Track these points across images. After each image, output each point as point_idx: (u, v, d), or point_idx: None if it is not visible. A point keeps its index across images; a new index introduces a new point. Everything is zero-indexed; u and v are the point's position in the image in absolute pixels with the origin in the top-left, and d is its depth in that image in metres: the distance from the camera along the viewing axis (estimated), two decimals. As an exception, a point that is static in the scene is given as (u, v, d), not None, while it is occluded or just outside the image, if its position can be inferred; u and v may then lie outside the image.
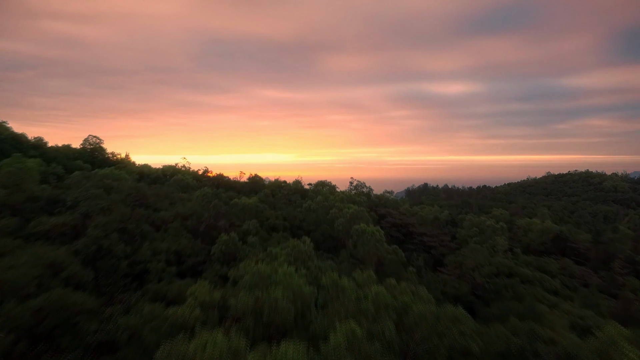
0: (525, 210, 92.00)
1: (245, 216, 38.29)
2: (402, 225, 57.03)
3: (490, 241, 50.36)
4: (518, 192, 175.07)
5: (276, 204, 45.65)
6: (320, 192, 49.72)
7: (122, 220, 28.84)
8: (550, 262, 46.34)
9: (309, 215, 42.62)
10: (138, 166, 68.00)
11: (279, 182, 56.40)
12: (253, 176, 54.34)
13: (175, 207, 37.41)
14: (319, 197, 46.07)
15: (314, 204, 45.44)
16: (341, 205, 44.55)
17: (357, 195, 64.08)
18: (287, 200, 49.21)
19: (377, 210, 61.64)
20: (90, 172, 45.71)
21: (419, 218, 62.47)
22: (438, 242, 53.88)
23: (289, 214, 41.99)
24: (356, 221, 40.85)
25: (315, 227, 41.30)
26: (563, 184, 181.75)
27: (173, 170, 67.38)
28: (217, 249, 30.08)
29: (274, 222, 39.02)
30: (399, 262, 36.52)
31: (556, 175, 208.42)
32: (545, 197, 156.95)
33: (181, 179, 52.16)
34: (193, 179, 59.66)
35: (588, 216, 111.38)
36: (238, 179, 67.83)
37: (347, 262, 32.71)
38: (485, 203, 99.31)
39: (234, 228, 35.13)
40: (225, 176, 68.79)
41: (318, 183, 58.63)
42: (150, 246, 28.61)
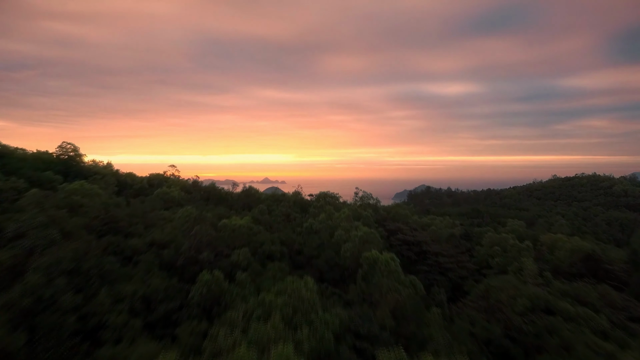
0: (541, 220, 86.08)
1: (236, 242, 32.24)
2: (415, 244, 51.01)
3: (516, 263, 44.46)
4: (525, 197, 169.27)
5: (273, 223, 39.61)
6: (323, 208, 43.71)
7: (76, 258, 22.83)
8: (587, 289, 40.56)
9: (310, 239, 36.59)
10: (123, 174, 61.94)
11: (276, 195, 50.25)
12: (247, 188, 48.11)
13: (151, 232, 31.34)
14: (322, 215, 40.02)
15: (317, 223, 39.44)
16: (348, 225, 38.54)
17: (363, 207, 58.10)
18: (286, 216, 43.20)
19: (385, 226, 55.69)
20: (59, 186, 39.64)
21: (432, 233, 56.50)
22: (456, 263, 47.85)
23: (287, 236, 35.95)
24: (366, 246, 34.86)
25: (318, 252, 35.26)
26: (571, 187, 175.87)
27: (160, 179, 61.29)
28: (197, 291, 24.03)
29: (269, 249, 32.96)
30: (419, 299, 30.57)
31: (563, 178, 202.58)
32: (554, 202, 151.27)
33: (166, 192, 46.11)
34: (181, 190, 53.56)
35: (604, 224, 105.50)
36: (231, 189, 61.83)
37: (359, 305, 26.71)
38: (498, 212, 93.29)
39: (220, 259, 29.11)
40: (217, 186, 62.75)
41: (320, 195, 52.61)
42: (111, 291, 22.54)
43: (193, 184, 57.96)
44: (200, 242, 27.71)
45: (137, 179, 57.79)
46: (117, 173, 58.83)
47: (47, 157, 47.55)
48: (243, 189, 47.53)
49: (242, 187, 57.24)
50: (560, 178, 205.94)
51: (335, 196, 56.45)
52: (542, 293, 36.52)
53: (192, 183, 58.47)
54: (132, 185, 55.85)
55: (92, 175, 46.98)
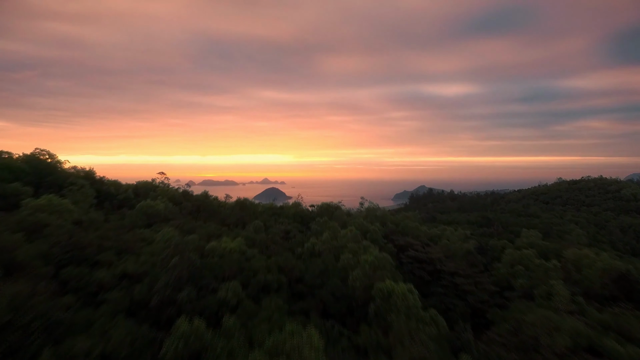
0: (556, 229, 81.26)
1: (225, 271, 27.20)
2: (428, 262, 46.01)
3: (544, 286, 39.58)
4: (531, 200, 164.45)
5: (269, 243, 34.57)
6: (326, 225, 38.66)
7: (14, 305, 17.84)
8: (630, 320, 35.59)
9: (312, 263, 31.53)
10: (108, 181, 56.82)
11: (274, 208, 45.08)
12: (242, 200, 42.93)
13: (124, 260, 26.27)
14: (326, 234, 34.99)
15: (319, 244, 34.42)
16: (355, 246, 33.52)
17: (369, 219, 53.03)
18: (285, 234, 38.17)
19: (394, 241, 50.68)
20: (22, 202, 34.50)
21: (445, 248, 51.52)
22: (474, 284, 42.87)
23: (286, 262, 30.89)
24: (378, 273, 29.86)
25: (321, 280, 30.21)
26: (578, 191, 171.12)
27: (148, 188, 56.16)
28: (172, 346, 19.01)
29: (264, 278, 27.89)
30: (443, 341, 25.67)
31: (569, 181, 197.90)
32: (563, 207, 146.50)
33: (150, 205, 41.05)
34: (169, 201, 48.47)
35: (618, 232, 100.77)
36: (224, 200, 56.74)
37: (373, 355, 21.76)
38: (508, 220, 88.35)
39: (205, 296, 24.06)
40: (210, 195, 57.62)
41: (323, 207, 47.61)
42: (57, 351, 17.55)
43: (183, 194, 52.84)
44: (179, 277, 22.64)
45: (123, 187, 52.68)
46: (100, 181, 53.75)
47: (17, 166, 42.44)
48: (237, 200, 42.34)
49: (241, 184, 52.49)
50: (566, 181, 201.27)
51: (338, 206, 51.43)
52: (583, 327, 31.53)
53: (182, 193, 53.34)
54: (116, 195, 50.77)
55: (68, 185, 41.91)
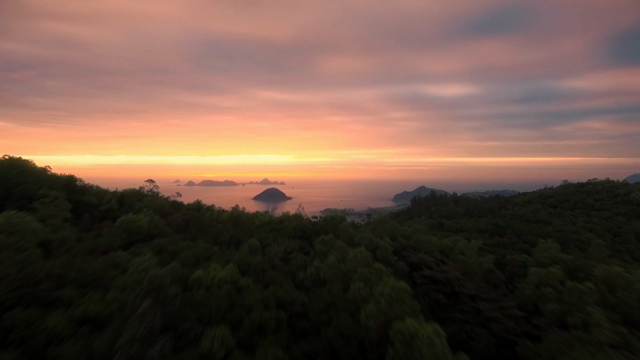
0: (573, 238, 76.50)
1: (212, 309, 22.36)
2: (445, 282, 41.18)
3: (579, 314, 34.86)
4: (538, 205, 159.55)
5: (266, 268, 29.73)
6: (332, 245, 33.79)
7: None
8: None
9: (317, 295, 26.67)
10: (92, 189, 51.96)
11: (272, 223, 40.00)
12: (236, 215, 37.90)
13: (87, 300, 21.42)
14: (332, 257, 30.13)
15: (325, 268, 29.59)
16: (367, 273, 28.67)
17: (376, 231, 48.18)
18: (284, 255, 33.32)
19: (406, 257, 45.84)
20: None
21: (461, 264, 46.70)
22: (499, 310, 38.08)
23: (285, 293, 26.03)
24: (395, 308, 25.05)
25: (328, 316, 25.38)
26: (586, 195, 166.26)
27: (134, 197, 51.28)
28: None
29: (260, 317, 23.05)
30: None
31: (575, 184, 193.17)
32: (572, 212, 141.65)
33: (132, 220, 36.20)
34: (156, 214, 43.61)
35: (634, 239, 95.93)
36: (219, 208, 51.84)
37: None
38: (522, 228, 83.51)
39: (184, 348, 19.24)
40: (202, 205, 52.72)
41: (327, 219, 42.77)
42: None
43: (173, 204, 47.83)
44: (150, 328, 17.80)
45: (106, 197, 47.78)
46: (81, 189, 48.86)
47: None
48: (232, 214, 37.36)
49: (241, 185, 47.56)
50: (573, 184, 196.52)
51: (343, 218, 46.61)
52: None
53: (172, 203, 48.30)
54: (97, 206, 45.92)
55: (40, 197, 37.06)
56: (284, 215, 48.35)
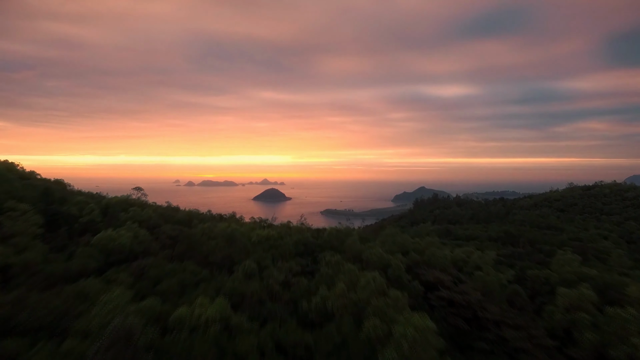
0: (590, 246, 72.07)
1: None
2: (465, 305, 36.77)
3: (625, 347, 30.54)
4: (545, 208, 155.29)
5: (263, 297, 25.32)
6: (339, 267, 29.30)
7: None
8: None
9: (324, 335, 22.24)
10: (74, 197, 47.52)
11: (270, 239, 35.33)
12: (230, 232, 33.14)
13: (35, 354, 16.95)
14: (340, 285, 25.70)
15: (333, 298, 25.18)
16: (382, 304, 24.25)
17: (386, 245, 43.70)
18: (285, 279, 28.85)
19: (420, 276, 41.41)
20: None
21: (480, 282, 42.30)
22: (528, 339, 33.66)
23: (286, 334, 21.60)
24: (418, 353, 20.64)
25: (338, 363, 20.96)
26: (594, 198, 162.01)
27: (121, 206, 46.76)
28: None
29: (255, 369, 18.62)
30: None
31: (582, 187, 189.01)
32: (581, 216, 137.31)
33: (112, 238, 31.72)
34: (141, 227, 39.11)
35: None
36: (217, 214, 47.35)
37: None
38: (535, 236, 79.11)
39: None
40: (195, 214, 48.23)
41: (332, 233, 38.28)
42: None
43: (163, 214, 42.95)
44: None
45: (88, 207, 43.31)
46: (61, 199, 44.40)
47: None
48: (225, 232, 32.70)
49: (241, 185, 43.26)
50: (579, 186, 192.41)
51: (350, 231, 42.19)
52: None
53: (163, 212, 43.49)
54: (78, 217, 41.47)
55: (6, 211, 32.57)
56: (284, 228, 43.92)
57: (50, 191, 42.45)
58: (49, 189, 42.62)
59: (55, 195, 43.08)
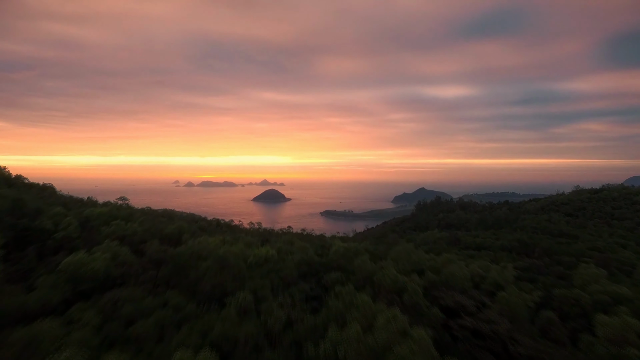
0: (613, 257, 67.45)
1: None
2: (492, 337, 32.15)
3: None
4: (553, 212, 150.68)
5: (261, 343, 20.73)
6: (351, 300, 24.65)
7: None
8: None
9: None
10: (52, 210, 42.79)
11: (269, 262, 30.31)
12: (222, 255, 28.10)
13: None
14: (355, 328, 21.11)
15: (346, 342, 20.59)
16: (407, 352, 19.62)
17: (400, 263, 39.10)
18: (287, 315, 24.21)
19: (438, 299, 36.80)
20: None
21: (505, 305, 37.73)
22: (568, 379, 29.09)
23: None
24: None
25: None
26: (603, 202, 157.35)
27: (103, 218, 42.04)
28: None
29: None
30: None
31: (589, 190, 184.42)
32: (591, 222, 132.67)
33: (83, 262, 26.92)
34: (124, 244, 34.43)
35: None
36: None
37: None
38: (551, 245, 74.52)
39: None
40: (185, 228, 43.47)
41: (339, 253, 33.65)
42: None
43: (150, 228, 37.88)
44: None
45: (65, 220, 38.56)
46: (35, 211, 39.70)
47: None
48: (217, 256, 27.76)
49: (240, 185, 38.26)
50: (586, 189, 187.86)
51: (360, 251, 37.59)
52: None
53: (150, 225, 38.42)
54: (53, 232, 36.81)
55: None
56: (285, 243, 39.31)
57: (21, 202, 37.78)
58: (20, 200, 37.94)
59: (27, 207, 38.41)
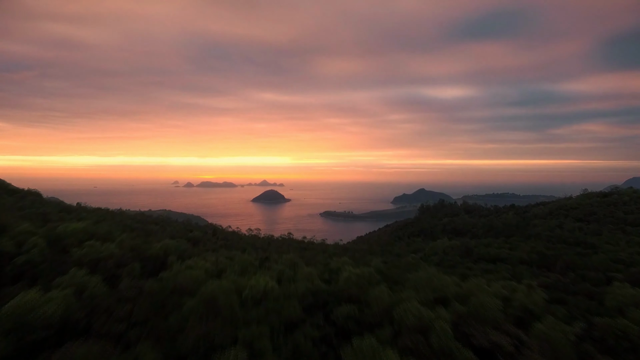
0: None
1: None
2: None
3: None
4: (562, 218, 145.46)
5: None
6: (375, 354, 19.20)
7: None
8: None
9: None
10: (18, 228, 37.30)
11: (267, 297, 24.49)
12: (211, 293, 22.81)
13: None
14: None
15: None
16: None
17: (421, 293, 33.62)
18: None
19: (469, 337, 31.42)
20: None
21: (544, 341, 32.33)
22: None
23: None
24: None
25: None
26: (614, 206, 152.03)
27: (77, 237, 36.47)
28: None
29: None
30: None
31: (598, 194, 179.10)
32: (603, 227, 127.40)
33: (32, 305, 21.25)
34: (96, 271, 28.89)
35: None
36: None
37: None
38: (574, 259, 69.04)
39: None
40: (172, 249, 37.80)
41: (351, 280, 28.24)
42: None
43: (133, 247, 31.02)
44: None
45: (31, 241, 32.92)
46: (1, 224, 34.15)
47: None
48: (204, 295, 22.19)
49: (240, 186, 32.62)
50: (594, 193, 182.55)
51: (374, 277, 32.17)
52: None
53: (134, 243, 31.22)
54: (15, 255, 31.22)
55: None
56: (286, 267, 33.81)
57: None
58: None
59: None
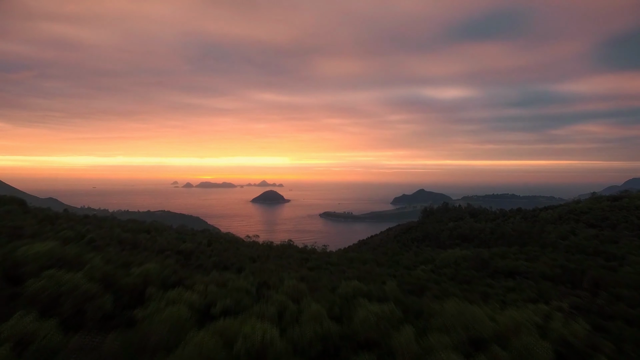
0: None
1: None
2: None
3: None
4: (573, 222, 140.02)
5: None
6: None
7: None
8: None
9: None
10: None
11: (266, 351, 20.55)
12: (199, 348, 18.80)
13: None
14: None
15: None
16: None
17: (452, 333, 27.98)
18: None
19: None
20: None
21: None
22: None
23: None
24: None
25: None
26: (626, 211, 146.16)
27: (42, 260, 30.74)
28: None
29: None
30: None
31: (608, 197, 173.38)
32: (619, 234, 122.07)
33: None
34: (53, 310, 23.34)
35: None
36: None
37: None
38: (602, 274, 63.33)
39: None
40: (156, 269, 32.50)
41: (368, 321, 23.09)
42: None
43: (113, 268, 27.10)
44: None
45: None
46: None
47: None
48: (183, 352, 17.77)
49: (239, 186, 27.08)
50: (605, 196, 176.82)
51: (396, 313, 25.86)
52: None
53: (116, 264, 27.52)
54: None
55: None
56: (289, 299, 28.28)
57: None
58: None
59: None
